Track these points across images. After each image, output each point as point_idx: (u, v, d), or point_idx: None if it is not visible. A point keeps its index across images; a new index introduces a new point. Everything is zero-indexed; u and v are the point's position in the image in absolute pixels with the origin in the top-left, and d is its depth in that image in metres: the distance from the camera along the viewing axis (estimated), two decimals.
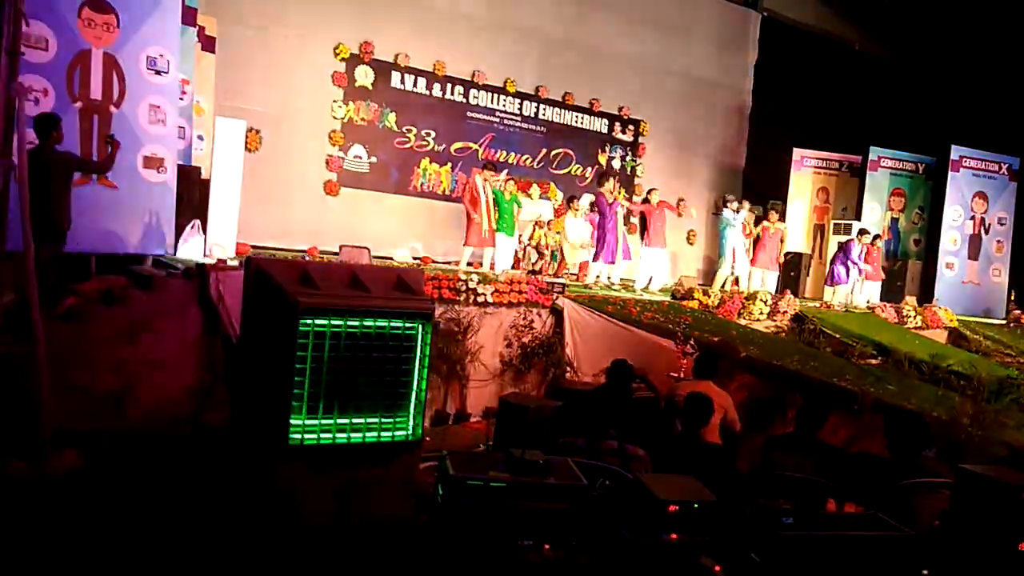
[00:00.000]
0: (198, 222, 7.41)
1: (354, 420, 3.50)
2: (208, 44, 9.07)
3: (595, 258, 10.26)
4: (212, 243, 7.41)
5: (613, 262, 10.24)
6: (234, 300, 5.35)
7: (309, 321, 3.35)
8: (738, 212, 11.75)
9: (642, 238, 10.90)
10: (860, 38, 16.79)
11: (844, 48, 16.47)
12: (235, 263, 6.70)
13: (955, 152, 13.64)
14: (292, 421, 3.33)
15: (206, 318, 5.85)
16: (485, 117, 12.33)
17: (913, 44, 16.51)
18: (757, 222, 11.98)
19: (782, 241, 12.56)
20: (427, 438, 4.53)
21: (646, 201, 10.99)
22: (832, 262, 12.24)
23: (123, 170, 6.61)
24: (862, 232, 12.43)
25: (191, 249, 7.24)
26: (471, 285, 7.64)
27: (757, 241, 11.83)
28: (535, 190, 12.59)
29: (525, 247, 10.91)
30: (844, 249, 12.13)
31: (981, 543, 3.19)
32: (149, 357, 5.33)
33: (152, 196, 6.95)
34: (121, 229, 6.74)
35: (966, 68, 15.67)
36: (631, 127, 13.93)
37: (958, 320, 11.64)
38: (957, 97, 15.51)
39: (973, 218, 13.88)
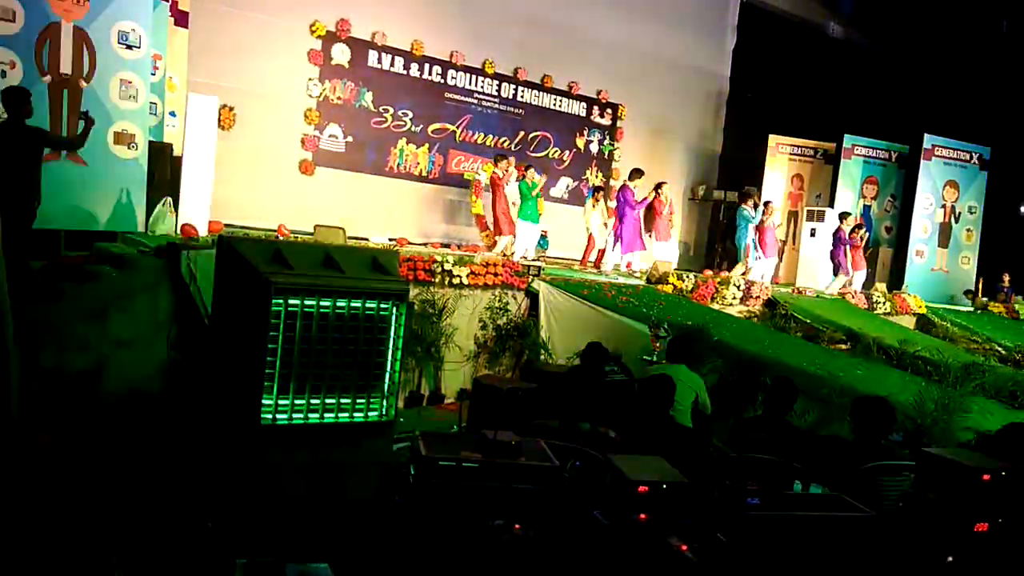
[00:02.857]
0: (170, 199, 7.31)
1: (327, 400, 3.50)
2: (181, 19, 8.90)
3: (617, 248, 10.61)
4: (184, 221, 7.31)
5: (633, 250, 10.62)
6: (206, 279, 5.30)
7: (281, 301, 3.33)
8: (756, 208, 11.86)
9: (647, 230, 11.04)
10: (836, 25, 16.91)
11: (821, 35, 16.58)
12: (207, 240, 6.63)
13: (927, 141, 13.82)
14: (264, 401, 3.32)
15: (177, 297, 5.79)
16: (462, 98, 12.25)
17: (889, 32, 16.68)
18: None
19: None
20: (401, 419, 4.54)
21: (656, 194, 11.16)
22: (834, 255, 12.39)
23: (93, 146, 6.49)
24: (843, 216, 12.55)
25: (162, 227, 7.15)
26: (446, 267, 7.63)
27: (761, 233, 11.97)
28: (512, 172, 12.55)
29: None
30: (839, 237, 12.31)
31: (941, 524, 3.28)
32: (119, 336, 5.28)
33: (123, 173, 6.84)
34: (91, 206, 6.63)
35: (940, 57, 15.86)
36: (609, 111, 13.93)
37: (927, 307, 11.84)
38: (930, 86, 15.71)
39: (944, 206, 14.10)
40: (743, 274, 11.35)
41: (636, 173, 11.06)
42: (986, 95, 15.22)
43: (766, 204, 12.29)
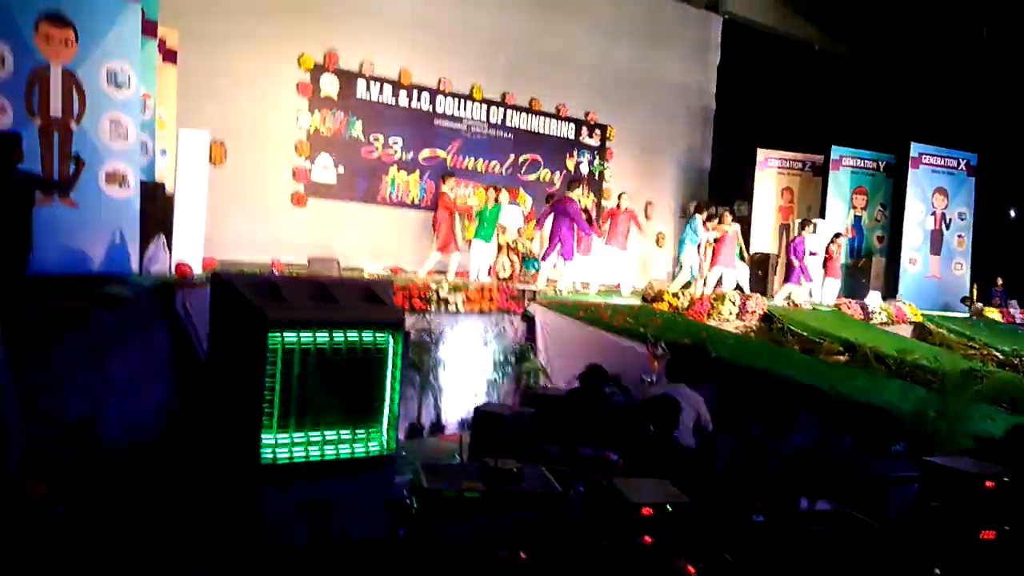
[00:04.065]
0: (163, 238, 7.31)
1: (327, 435, 3.48)
2: (170, 56, 8.95)
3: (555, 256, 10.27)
4: (178, 259, 7.30)
5: (572, 258, 10.26)
6: (202, 317, 5.28)
7: (277, 335, 3.33)
8: (713, 221, 11.66)
9: (608, 239, 10.93)
10: (820, 38, 17.08)
11: (805, 48, 16.75)
12: (202, 278, 6.62)
13: (914, 149, 13.92)
14: (263, 439, 3.31)
15: (173, 336, 5.77)
16: (452, 124, 12.33)
17: (871, 43, 16.85)
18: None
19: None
20: (402, 451, 4.51)
21: (617, 205, 11.10)
22: (788, 263, 12.09)
23: (85, 188, 6.48)
24: (804, 223, 12.33)
25: (156, 266, 7.14)
26: (442, 294, 7.63)
27: (717, 242, 11.74)
28: (504, 196, 12.60)
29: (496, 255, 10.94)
30: (793, 246, 11.90)
31: (947, 533, 3.26)
32: (116, 380, 5.24)
33: (115, 213, 6.82)
34: (84, 248, 6.60)
35: (922, 66, 16.03)
36: (598, 132, 14.03)
37: (923, 315, 11.86)
38: (915, 95, 15.86)
39: (934, 214, 14.17)
40: (684, 288, 10.94)
41: (574, 183, 10.82)
42: (970, 101, 15.37)
43: (721, 216, 11.83)
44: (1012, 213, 16.38)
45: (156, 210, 7.43)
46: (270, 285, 3.57)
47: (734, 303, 9.83)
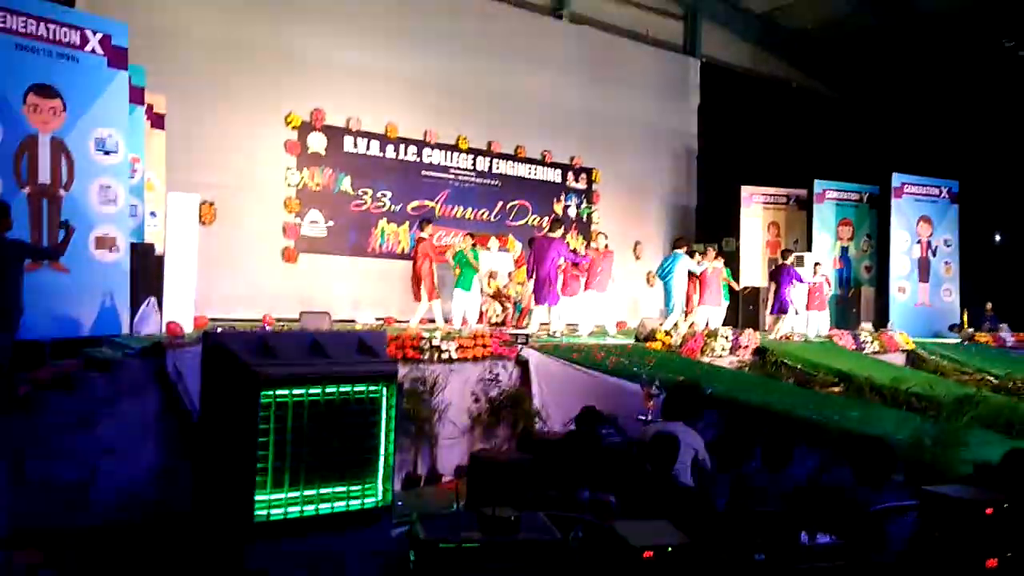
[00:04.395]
0: (153, 299, 7.32)
1: (322, 490, 3.46)
2: (157, 121, 9.10)
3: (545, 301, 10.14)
4: (169, 319, 7.31)
5: (557, 302, 10.10)
6: (194, 376, 5.27)
7: (270, 392, 3.33)
8: (696, 256, 11.63)
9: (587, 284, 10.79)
10: (796, 76, 17.51)
11: (782, 86, 17.15)
12: (193, 337, 6.61)
13: (896, 179, 14.12)
14: (257, 497, 3.28)
15: (165, 398, 5.74)
16: (440, 175, 12.49)
17: (846, 79, 17.26)
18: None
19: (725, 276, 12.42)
20: (399, 502, 4.46)
21: (595, 248, 11.02)
22: (779, 294, 12.00)
23: (75, 253, 6.51)
24: (785, 252, 12.35)
25: (148, 327, 7.14)
26: (434, 343, 7.62)
27: (701, 280, 11.67)
28: (494, 243, 12.70)
29: (486, 300, 10.98)
30: (777, 278, 11.71)
31: (949, 563, 3.24)
32: (108, 443, 5.20)
33: (105, 277, 6.86)
34: (75, 312, 6.62)
35: (899, 98, 16.40)
36: (584, 175, 14.22)
37: (914, 342, 11.89)
38: (893, 127, 16.19)
39: (920, 242, 14.31)
40: (674, 327, 10.51)
41: (556, 224, 10.51)
42: (948, 130, 15.68)
43: (704, 252, 11.62)
44: (997, 237, 16.59)
45: (146, 271, 7.46)
46: (261, 342, 3.58)
47: (727, 339, 9.85)
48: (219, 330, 6.43)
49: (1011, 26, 15.49)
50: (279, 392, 3.34)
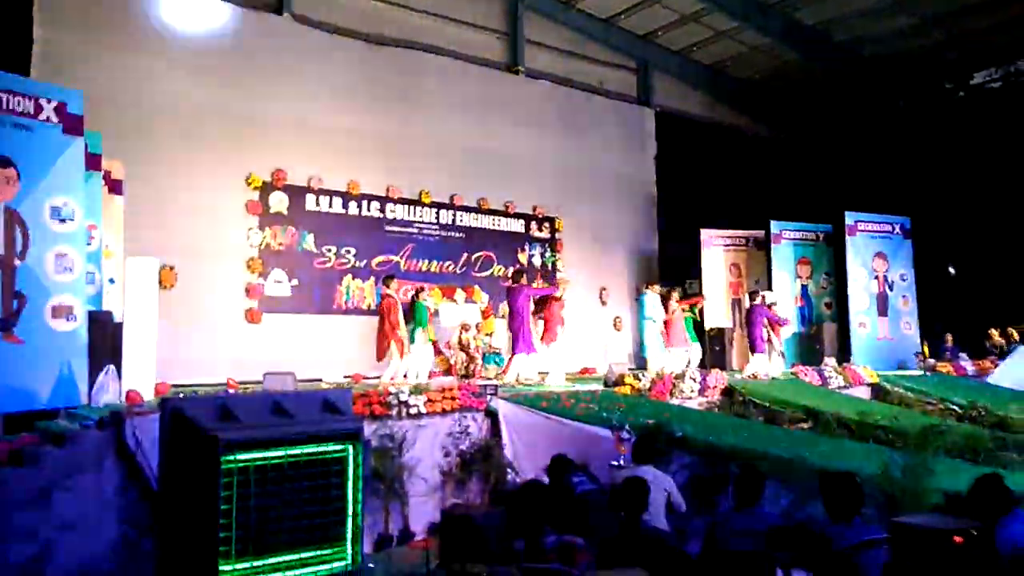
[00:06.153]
0: (112, 367, 7.16)
1: (288, 558, 3.36)
2: (115, 187, 9.01)
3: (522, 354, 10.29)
4: (129, 387, 7.14)
5: (534, 350, 10.35)
6: (153, 445, 5.14)
7: (231, 457, 3.25)
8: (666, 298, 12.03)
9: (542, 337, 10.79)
10: (746, 122, 18.07)
11: (734, 133, 17.67)
12: (153, 404, 6.46)
13: (849, 218, 14.48)
14: (221, 567, 3.18)
15: (125, 468, 5.58)
16: (403, 229, 12.54)
17: (796, 123, 17.85)
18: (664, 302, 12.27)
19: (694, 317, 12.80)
20: (370, 564, 4.36)
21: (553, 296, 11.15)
22: (753, 334, 12.34)
23: (30, 323, 6.40)
24: (752, 294, 12.70)
25: (106, 396, 6.96)
26: (402, 398, 7.55)
27: (667, 323, 12.06)
28: (460, 295, 12.73)
29: (454, 352, 10.94)
30: (761, 315, 12.16)
31: None
32: (65, 518, 5.02)
33: (62, 346, 6.70)
34: (30, 384, 6.44)
35: (847, 139, 16.97)
36: (547, 224, 14.38)
37: (878, 375, 12.07)
38: (844, 167, 16.71)
39: (876, 277, 14.62)
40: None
41: (519, 275, 10.87)
42: (898, 169, 16.22)
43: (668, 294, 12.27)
44: (952, 270, 17.03)
45: (105, 339, 7.30)
46: (221, 405, 3.51)
47: (695, 380, 9.92)
48: (180, 396, 6.31)
49: (951, 67, 16.26)
50: (240, 456, 3.26)
